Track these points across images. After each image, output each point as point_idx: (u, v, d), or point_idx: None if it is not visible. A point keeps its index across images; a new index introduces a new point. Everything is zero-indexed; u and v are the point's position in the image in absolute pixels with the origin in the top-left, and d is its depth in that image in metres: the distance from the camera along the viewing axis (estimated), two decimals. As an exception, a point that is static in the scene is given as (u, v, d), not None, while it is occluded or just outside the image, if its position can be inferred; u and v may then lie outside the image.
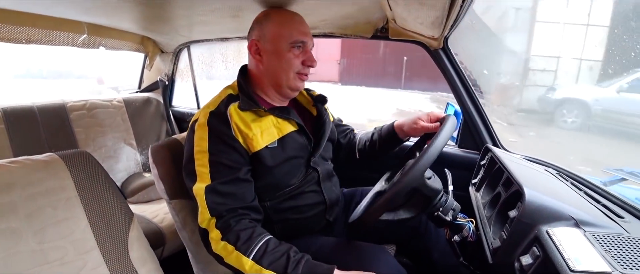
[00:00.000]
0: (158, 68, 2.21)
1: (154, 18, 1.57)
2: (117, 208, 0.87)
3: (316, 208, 1.03)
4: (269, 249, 0.80)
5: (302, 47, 0.97)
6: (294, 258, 0.79)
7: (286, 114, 0.97)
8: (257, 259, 0.79)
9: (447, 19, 1.02)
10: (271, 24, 0.96)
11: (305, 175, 1.01)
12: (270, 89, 1.01)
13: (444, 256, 1.09)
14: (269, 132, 0.94)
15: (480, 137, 1.33)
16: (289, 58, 0.95)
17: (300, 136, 1.00)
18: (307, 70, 1.00)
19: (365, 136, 1.25)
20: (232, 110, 0.92)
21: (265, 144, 0.92)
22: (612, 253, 0.60)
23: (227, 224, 0.83)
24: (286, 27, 0.95)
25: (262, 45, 0.96)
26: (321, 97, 1.14)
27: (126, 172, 1.93)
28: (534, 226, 0.68)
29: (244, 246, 0.80)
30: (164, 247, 1.44)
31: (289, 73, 0.97)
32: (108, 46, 1.76)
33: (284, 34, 0.95)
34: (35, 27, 1.38)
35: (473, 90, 1.32)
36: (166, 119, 2.22)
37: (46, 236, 0.75)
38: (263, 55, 0.97)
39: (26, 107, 1.62)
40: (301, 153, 1.00)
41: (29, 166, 0.79)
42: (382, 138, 1.19)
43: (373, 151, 1.21)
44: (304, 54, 0.98)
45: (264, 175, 0.93)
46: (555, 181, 0.94)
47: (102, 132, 1.85)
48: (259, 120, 0.93)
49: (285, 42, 0.94)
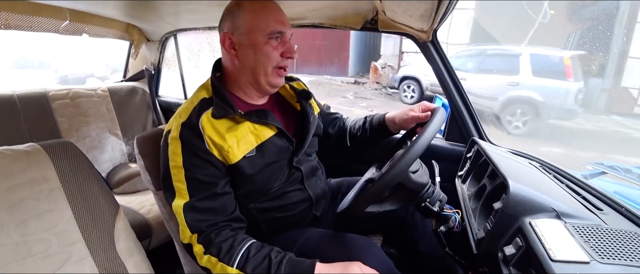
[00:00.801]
0: (144, 57, 2.16)
1: (139, 5, 1.53)
2: (103, 199, 0.86)
3: (302, 205, 1.02)
4: (251, 255, 0.80)
5: (281, 38, 0.90)
6: (275, 260, 0.79)
7: (264, 119, 0.91)
8: (241, 267, 0.79)
9: (436, 12, 1.03)
10: (244, 14, 0.88)
11: (289, 176, 0.98)
12: (248, 86, 0.94)
13: (430, 246, 1.11)
14: (246, 140, 0.88)
15: (467, 129, 1.35)
16: (266, 51, 0.88)
17: (281, 139, 0.95)
18: (287, 63, 0.93)
19: (356, 123, 1.22)
20: (204, 121, 0.85)
21: (242, 154, 0.87)
22: (591, 243, 0.62)
23: (209, 238, 0.82)
24: (261, 16, 0.87)
25: (237, 38, 0.89)
26: (305, 93, 1.06)
27: (111, 163, 1.89)
28: (518, 217, 0.70)
29: (227, 257, 0.80)
30: (150, 238, 1.42)
31: (267, 68, 0.90)
32: (91, 33, 1.71)
33: (259, 25, 0.87)
34: (13, 12, 1.33)
35: (460, 83, 1.33)
36: (152, 109, 2.18)
37: (29, 228, 0.74)
38: (238, 49, 0.90)
39: (6, 95, 1.57)
40: (282, 156, 0.96)
41: (9, 156, 0.77)
42: (372, 128, 1.17)
43: (364, 139, 1.19)
44: (282, 45, 0.90)
45: (244, 183, 0.91)
46: (539, 174, 0.97)
47: (86, 121, 1.81)
48: (234, 128, 0.87)
49: (262, 34, 0.87)
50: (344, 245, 0.91)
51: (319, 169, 1.12)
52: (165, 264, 1.25)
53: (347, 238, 0.93)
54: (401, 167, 0.76)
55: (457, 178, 1.20)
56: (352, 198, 0.98)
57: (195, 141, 0.84)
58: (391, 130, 1.15)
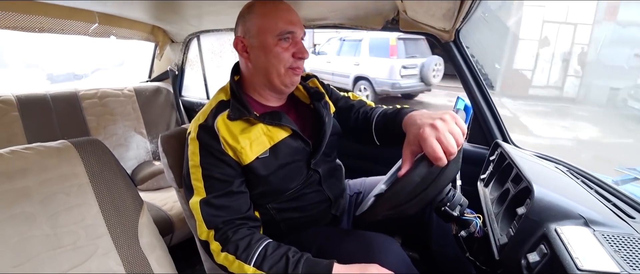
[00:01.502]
0: (168, 57, 2.23)
1: (164, 7, 1.58)
2: (128, 195, 0.89)
3: (320, 205, 1.02)
4: (268, 254, 0.81)
5: (291, 38, 0.90)
6: (293, 259, 0.79)
7: (278, 120, 0.91)
8: (258, 265, 0.79)
9: (459, 11, 1.01)
10: (254, 17, 0.89)
11: (307, 177, 0.98)
12: (263, 89, 0.95)
13: (450, 250, 1.08)
14: (259, 141, 0.89)
15: (490, 132, 1.31)
16: (277, 53, 0.88)
17: (295, 140, 0.95)
18: (300, 63, 0.92)
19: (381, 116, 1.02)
20: (219, 122, 0.87)
21: (255, 155, 0.88)
22: (621, 253, 0.59)
23: (226, 236, 0.83)
24: (270, 18, 0.87)
25: (248, 41, 0.90)
26: (317, 94, 1.02)
27: (136, 160, 1.96)
28: (542, 223, 0.68)
29: (244, 255, 0.81)
30: (172, 234, 1.46)
31: (279, 69, 0.89)
32: (119, 35, 1.77)
33: (268, 26, 0.87)
34: (47, 15, 1.40)
35: (484, 84, 1.30)
36: (176, 108, 2.24)
37: (59, 221, 0.77)
38: (250, 52, 0.91)
39: (40, 95, 1.65)
40: (298, 157, 0.95)
41: (42, 153, 0.81)
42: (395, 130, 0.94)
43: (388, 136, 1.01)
44: (293, 46, 0.90)
45: (259, 184, 0.92)
46: (566, 178, 0.93)
47: (113, 120, 1.88)
48: (248, 129, 0.88)
49: (271, 35, 0.87)
50: (363, 243, 0.90)
51: (338, 169, 1.11)
52: (186, 260, 1.28)
53: (366, 236, 0.92)
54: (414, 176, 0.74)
55: (480, 181, 1.17)
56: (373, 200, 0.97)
57: (212, 142, 0.86)
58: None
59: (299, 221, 1.01)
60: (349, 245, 0.91)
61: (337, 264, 0.78)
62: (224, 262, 0.83)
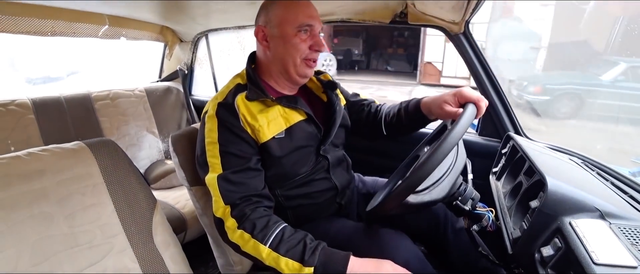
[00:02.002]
0: (177, 57, 2.25)
1: (172, 7, 1.59)
2: (141, 194, 0.91)
3: (327, 193, 1.03)
4: (285, 237, 0.81)
5: (309, 31, 0.94)
6: (310, 246, 0.79)
7: (294, 103, 0.96)
8: (274, 247, 0.80)
9: (469, 3, 0.99)
10: (277, 8, 0.93)
11: (316, 163, 1.00)
12: (279, 76, 0.99)
13: (462, 245, 1.08)
14: (276, 122, 0.93)
15: (502, 124, 1.29)
16: (295, 43, 0.92)
17: (309, 125, 0.99)
18: (315, 55, 0.96)
19: (391, 110, 1.13)
20: (239, 101, 0.91)
21: (272, 135, 0.91)
22: (639, 246, 0.57)
23: (243, 212, 0.84)
24: (292, 10, 0.92)
25: (269, 30, 0.94)
26: (331, 83, 1.10)
27: (149, 160, 1.99)
28: (556, 217, 0.67)
29: (261, 234, 0.81)
30: (185, 232, 1.49)
31: (296, 59, 0.94)
32: (128, 36, 1.80)
33: (289, 18, 0.91)
34: (59, 19, 1.43)
35: (495, 76, 1.28)
36: (186, 108, 2.27)
37: (76, 221, 0.79)
38: (270, 41, 0.95)
39: (54, 98, 1.69)
40: (310, 142, 0.99)
41: (58, 154, 0.83)
42: (408, 115, 1.08)
43: (400, 126, 1.11)
44: (311, 38, 0.94)
45: (273, 165, 0.94)
46: (580, 171, 0.91)
47: (125, 120, 1.91)
48: (266, 110, 0.92)
49: (291, 26, 0.91)
50: (376, 239, 0.91)
51: (345, 160, 1.12)
52: (199, 257, 1.30)
53: (379, 232, 0.93)
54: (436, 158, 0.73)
55: (492, 174, 1.15)
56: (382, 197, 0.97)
57: (231, 119, 0.89)
58: (428, 117, 1.05)
59: (306, 210, 1.02)
60: (361, 240, 0.92)
61: (353, 257, 0.79)
62: (238, 240, 0.83)
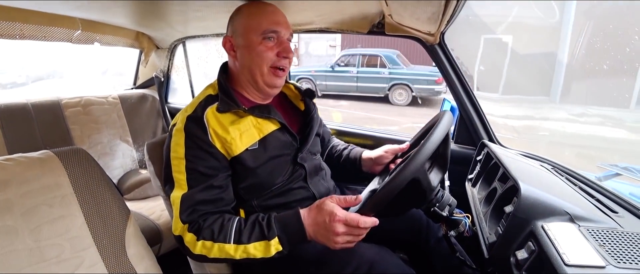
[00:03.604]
0: (153, 64, 2.19)
1: (148, 14, 1.56)
2: (114, 205, 0.87)
3: (305, 202, 1.01)
4: (242, 228, 0.82)
5: (276, 38, 0.92)
6: (264, 223, 0.81)
7: (266, 113, 0.94)
8: (237, 240, 0.80)
9: (443, 15, 1.02)
10: (241, 17, 0.93)
11: (292, 172, 0.99)
12: (249, 86, 0.97)
13: (444, 252, 1.09)
14: (249, 133, 0.91)
15: (477, 132, 1.33)
16: (260, 51, 0.90)
17: (283, 134, 0.97)
18: (284, 63, 0.94)
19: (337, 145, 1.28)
20: (209, 114, 0.89)
21: (245, 147, 0.89)
22: (606, 247, 0.60)
23: (198, 225, 0.82)
24: (255, 18, 0.91)
25: (235, 40, 0.94)
26: (309, 91, 1.11)
27: (122, 169, 1.92)
28: (530, 221, 0.69)
29: (221, 236, 0.80)
30: (161, 244, 1.44)
31: (262, 68, 0.92)
32: (102, 42, 1.74)
33: (253, 25, 0.91)
34: (27, 22, 1.37)
35: (469, 85, 1.32)
36: (162, 115, 2.21)
37: (42, 234, 0.75)
38: (237, 50, 0.94)
39: (20, 104, 1.61)
40: (285, 151, 0.97)
41: (23, 163, 0.79)
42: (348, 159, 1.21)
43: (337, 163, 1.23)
44: (278, 45, 0.92)
45: (248, 176, 0.92)
46: (551, 176, 0.95)
47: (97, 128, 1.84)
48: (238, 121, 0.90)
49: (255, 34, 0.90)
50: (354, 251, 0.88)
51: (324, 170, 1.12)
52: (175, 269, 1.26)
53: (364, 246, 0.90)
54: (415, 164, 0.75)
55: (467, 181, 1.18)
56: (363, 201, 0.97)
57: (199, 133, 0.86)
58: (363, 167, 1.17)
59: None
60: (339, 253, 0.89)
61: (301, 210, 0.82)
62: (201, 251, 0.81)
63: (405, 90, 7.92)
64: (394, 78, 7.92)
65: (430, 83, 7.74)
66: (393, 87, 8.08)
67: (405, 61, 8.70)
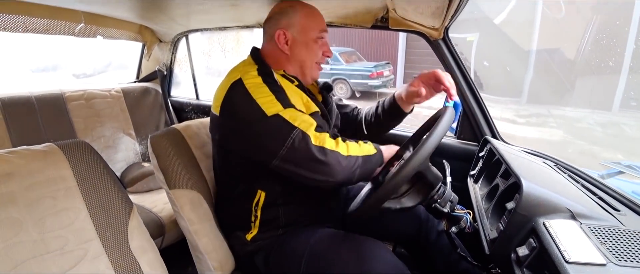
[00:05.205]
0: (156, 58, 2.20)
1: (151, 7, 1.55)
2: (117, 198, 0.88)
3: (323, 195, 1.05)
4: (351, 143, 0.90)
5: (323, 39, 1.04)
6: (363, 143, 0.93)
7: (311, 95, 1.01)
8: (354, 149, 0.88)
9: (448, 10, 1.02)
10: (299, 15, 1.00)
11: None
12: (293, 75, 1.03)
13: (444, 248, 1.10)
14: (300, 104, 0.94)
15: (480, 128, 1.33)
16: (314, 49, 1.02)
17: (318, 118, 0.98)
18: (325, 61, 1.07)
19: (370, 110, 1.24)
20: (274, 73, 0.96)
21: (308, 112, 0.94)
22: (607, 245, 0.60)
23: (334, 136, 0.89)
24: (314, 19, 1.02)
25: (291, 34, 1.00)
26: (327, 85, 1.18)
27: (125, 162, 1.93)
28: (531, 218, 0.69)
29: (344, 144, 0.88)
30: (163, 237, 1.45)
31: (312, 63, 1.03)
32: (105, 35, 1.74)
33: (312, 26, 1.01)
34: (31, 15, 1.37)
35: (472, 81, 1.31)
36: (165, 109, 2.22)
37: (46, 226, 0.75)
38: (291, 44, 1.00)
39: (24, 97, 1.61)
40: None
41: (27, 156, 0.79)
42: (385, 111, 1.17)
43: (379, 124, 1.20)
44: (324, 46, 1.04)
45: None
46: (553, 173, 0.95)
47: (100, 121, 1.85)
48: (293, 90, 0.96)
49: (313, 33, 1.01)
50: (355, 247, 0.89)
51: None
52: (177, 262, 1.27)
53: (358, 240, 0.92)
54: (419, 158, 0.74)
55: (469, 177, 1.18)
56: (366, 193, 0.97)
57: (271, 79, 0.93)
58: (403, 108, 1.13)
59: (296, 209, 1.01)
60: (340, 249, 0.90)
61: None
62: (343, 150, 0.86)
63: (344, 84, 8.61)
64: (334, 74, 8.57)
65: (364, 78, 8.29)
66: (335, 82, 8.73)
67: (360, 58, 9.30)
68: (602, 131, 4.70)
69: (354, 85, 8.49)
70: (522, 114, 5.65)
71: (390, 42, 9.91)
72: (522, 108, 5.90)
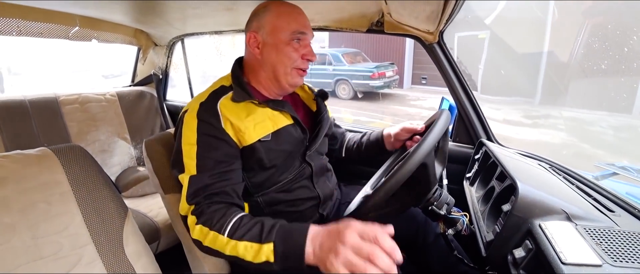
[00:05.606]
0: (152, 61, 2.19)
1: (146, 11, 1.55)
2: (112, 203, 0.87)
3: (309, 202, 1.02)
4: (242, 223, 0.76)
5: (302, 40, 0.95)
6: (267, 224, 0.73)
7: (280, 107, 0.95)
8: (232, 234, 0.74)
9: (443, 14, 1.02)
10: (270, 16, 0.93)
11: (299, 170, 1.00)
12: (268, 83, 0.98)
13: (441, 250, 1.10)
14: (263, 124, 0.92)
15: (475, 131, 1.33)
16: (287, 52, 0.93)
17: (296, 129, 0.98)
18: (306, 65, 0.97)
19: (354, 137, 1.28)
20: (223, 102, 0.89)
21: (257, 137, 0.90)
22: (602, 246, 0.61)
23: (201, 209, 0.80)
24: (285, 18, 0.93)
25: (261, 37, 0.94)
26: (322, 93, 1.14)
27: (120, 166, 1.92)
28: (527, 219, 0.69)
29: (218, 225, 0.77)
30: (159, 241, 1.43)
31: (287, 67, 0.94)
32: (100, 39, 1.74)
33: (282, 26, 0.92)
34: (25, 19, 1.36)
35: (467, 84, 1.32)
36: (160, 113, 2.21)
37: (40, 231, 0.75)
38: (262, 48, 0.94)
39: (17, 100, 1.60)
40: (296, 147, 0.98)
41: (21, 160, 0.78)
42: (369, 143, 1.21)
43: (358, 153, 1.24)
44: (303, 48, 0.95)
45: (255, 169, 0.93)
46: (548, 175, 0.95)
47: (95, 125, 1.83)
48: (253, 111, 0.91)
49: (284, 35, 0.92)
50: None
51: (330, 171, 1.13)
52: (173, 266, 1.26)
53: None
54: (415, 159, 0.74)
55: (465, 180, 1.19)
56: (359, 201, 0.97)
57: (212, 120, 0.87)
58: (387, 146, 1.18)
59: (285, 217, 0.99)
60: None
61: (312, 226, 0.70)
62: (198, 236, 0.79)
63: (346, 84, 8.67)
64: (337, 74, 8.68)
65: (365, 79, 8.37)
66: (337, 83, 8.84)
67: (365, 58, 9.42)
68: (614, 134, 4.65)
69: (355, 86, 8.53)
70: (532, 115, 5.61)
71: (398, 42, 9.98)
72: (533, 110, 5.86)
